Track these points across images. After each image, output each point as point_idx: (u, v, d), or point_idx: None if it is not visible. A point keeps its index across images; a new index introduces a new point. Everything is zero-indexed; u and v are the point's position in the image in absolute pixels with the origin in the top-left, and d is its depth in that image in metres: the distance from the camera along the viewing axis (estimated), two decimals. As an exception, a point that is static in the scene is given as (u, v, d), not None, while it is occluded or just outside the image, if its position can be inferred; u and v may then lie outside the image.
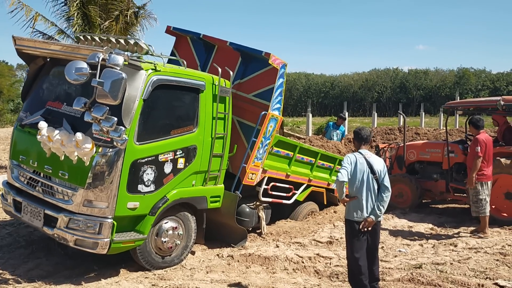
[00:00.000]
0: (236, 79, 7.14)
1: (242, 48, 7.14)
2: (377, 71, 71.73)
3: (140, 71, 5.27)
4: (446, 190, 9.13)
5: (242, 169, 6.78)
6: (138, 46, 5.40)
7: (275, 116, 6.88)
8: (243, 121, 7.04)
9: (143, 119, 5.29)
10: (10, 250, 6.29)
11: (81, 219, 5.15)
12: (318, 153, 8.46)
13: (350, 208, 4.77)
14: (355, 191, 4.74)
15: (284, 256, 6.16)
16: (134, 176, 5.27)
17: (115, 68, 4.73)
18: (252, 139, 6.77)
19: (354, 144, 5.18)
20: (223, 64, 6.81)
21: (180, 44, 8.18)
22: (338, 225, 7.95)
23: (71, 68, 4.72)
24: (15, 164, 5.96)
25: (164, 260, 5.84)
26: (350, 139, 12.85)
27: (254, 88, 7.09)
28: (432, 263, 6.08)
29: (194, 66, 7.59)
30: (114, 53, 4.84)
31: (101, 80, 4.66)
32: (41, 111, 5.70)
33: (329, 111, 57.62)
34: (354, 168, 4.72)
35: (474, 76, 66.07)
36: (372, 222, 4.68)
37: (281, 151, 7.56)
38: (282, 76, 6.85)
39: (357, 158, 4.76)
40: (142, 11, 13.53)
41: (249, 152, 6.77)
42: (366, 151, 4.90)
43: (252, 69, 7.18)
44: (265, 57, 6.74)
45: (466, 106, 9.92)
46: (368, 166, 4.73)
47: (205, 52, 7.78)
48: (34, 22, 12.12)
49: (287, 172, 7.76)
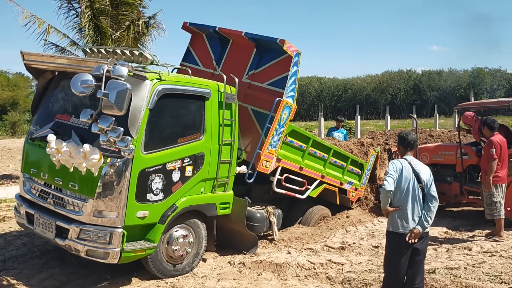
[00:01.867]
0: (251, 69, 7.39)
1: (256, 37, 7.28)
2: (390, 73, 71.33)
3: (145, 81, 5.31)
4: (460, 192, 8.99)
5: (257, 155, 6.84)
6: (143, 56, 5.47)
7: (289, 104, 6.99)
8: (257, 109, 7.18)
9: (149, 129, 5.33)
10: (24, 260, 6.37)
11: (91, 230, 5.19)
12: (331, 149, 8.48)
13: (394, 220, 4.49)
14: (399, 200, 4.45)
15: (295, 262, 6.12)
16: (142, 185, 5.30)
17: (120, 79, 4.78)
18: (267, 125, 6.87)
19: (399, 150, 4.84)
20: (237, 56, 7.27)
21: (195, 41, 8.41)
22: (351, 230, 7.89)
23: (76, 80, 4.80)
24: (27, 177, 6.04)
25: (176, 268, 5.85)
26: (363, 142, 12.77)
27: (268, 77, 7.28)
28: (446, 268, 6.00)
29: (209, 61, 7.95)
30: (118, 64, 4.90)
31: (106, 91, 4.72)
32: (50, 124, 5.78)
33: (342, 115, 57.45)
34: (399, 176, 4.43)
35: (489, 76, 65.31)
36: (418, 234, 4.42)
37: (294, 141, 7.61)
38: (296, 64, 6.99)
39: (403, 166, 4.48)
40: (153, 20, 13.71)
41: (263, 139, 6.86)
42: (412, 157, 4.61)
43: (267, 59, 7.37)
44: (280, 44, 6.89)
45: (478, 108, 9.79)
46: (414, 174, 4.45)
47: (220, 46, 7.99)
48: (47, 34, 12.32)
49: (300, 165, 7.77)
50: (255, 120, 7.15)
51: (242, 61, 7.61)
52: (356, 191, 9.44)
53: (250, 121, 7.12)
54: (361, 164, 9.57)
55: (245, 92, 7.34)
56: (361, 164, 9.58)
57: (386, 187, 4.34)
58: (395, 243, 4.52)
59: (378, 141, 16.06)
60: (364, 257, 6.56)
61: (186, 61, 8.34)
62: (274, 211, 7.40)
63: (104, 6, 12.45)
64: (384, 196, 4.45)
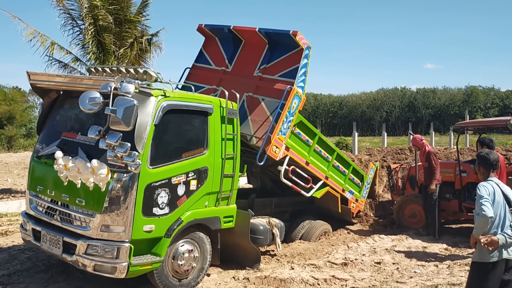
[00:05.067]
0: (262, 64, 7.81)
1: (270, 31, 7.73)
2: (385, 90, 72.02)
3: (151, 98, 5.42)
4: (459, 209, 9.07)
5: (267, 139, 7.04)
6: (148, 74, 5.57)
7: (299, 94, 7.33)
8: (269, 98, 7.49)
9: (155, 144, 5.42)
10: (30, 274, 6.37)
11: (99, 245, 5.22)
12: (335, 151, 8.71)
13: (484, 248, 3.98)
14: (490, 227, 4.01)
15: (299, 278, 6.14)
16: (148, 199, 5.36)
17: (127, 95, 4.89)
18: (278, 110, 7.14)
19: (480, 172, 4.30)
20: (249, 54, 7.86)
21: (208, 44, 8.75)
22: (352, 247, 7.93)
23: (85, 98, 4.90)
24: (33, 194, 6.08)
25: (181, 283, 5.87)
26: (361, 159, 12.88)
27: (279, 70, 7.67)
28: (448, 284, 6.03)
29: (221, 60, 8.37)
30: (125, 81, 5.02)
31: (114, 108, 4.82)
32: (57, 141, 5.86)
33: (337, 131, 57.66)
34: (493, 200, 4.00)
35: (483, 94, 66.01)
36: (495, 243, 3.95)
37: (302, 134, 7.89)
38: (306, 57, 7.39)
39: (494, 189, 4.05)
40: (155, 38, 13.90)
41: (274, 124, 7.10)
42: (497, 179, 4.18)
43: (278, 53, 7.79)
44: (292, 36, 7.29)
45: (476, 126, 9.94)
46: (505, 198, 4.06)
47: (233, 47, 8.35)
48: (51, 51, 12.46)
49: (306, 159, 8.00)
50: (266, 108, 7.43)
51: (254, 57, 8.01)
52: (357, 202, 9.54)
53: (261, 110, 7.43)
54: (361, 176, 9.70)
55: (256, 84, 7.75)
56: (361, 175, 9.71)
57: (487, 214, 3.85)
58: (484, 274, 4.03)
59: (376, 158, 16.19)
60: (367, 273, 6.59)
61: (199, 61, 8.68)
62: (277, 223, 7.45)
63: (107, 23, 12.61)
64: (483, 223, 3.94)
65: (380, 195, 11.34)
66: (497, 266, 3.99)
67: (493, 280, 3.99)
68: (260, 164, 7.06)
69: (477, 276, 4.07)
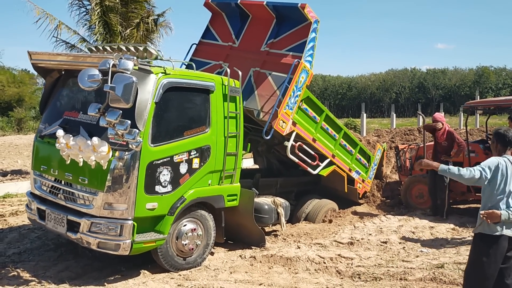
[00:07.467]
0: (270, 39, 7.72)
1: (278, 4, 7.60)
2: (394, 71, 71.27)
3: (151, 75, 5.36)
4: (467, 190, 8.98)
5: (274, 113, 6.96)
6: (148, 52, 5.51)
7: (307, 68, 7.24)
8: (276, 73, 7.39)
9: (156, 122, 5.38)
10: (40, 252, 6.45)
11: (102, 222, 5.24)
12: (342, 130, 8.61)
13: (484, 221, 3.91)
14: (494, 202, 3.93)
15: (305, 256, 6.13)
16: (151, 177, 5.35)
17: (126, 72, 4.84)
18: (285, 84, 7.04)
19: (496, 149, 4.17)
20: (256, 29, 7.79)
21: (215, 19, 8.62)
22: (359, 226, 7.89)
23: (84, 75, 4.86)
24: (37, 174, 6.10)
25: (187, 261, 5.88)
26: (369, 140, 12.78)
27: (287, 44, 7.56)
28: (454, 263, 5.98)
29: (228, 36, 8.26)
30: (123, 58, 4.96)
31: (112, 85, 4.78)
32: (59, 121, 5.85)
33: (346, 113, 57.36)
34: (494, 174, 3.91)
35: (494, 74, 65.10)
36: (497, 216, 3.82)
37: (309, 110, 7.79)
38: (314, 31, 7.29)
39: (506, 164, 3.95)
40: (162, 18, 13.78)
41: (281, 99, 7.02)
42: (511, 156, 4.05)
43: (286, 28, 7.69)
44: (300, 9, 7.18)
45: (486, 106, 9.77)
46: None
47: (240, 22, 8.24)
48: (58, 31, 12.43)
49: (313, 136, 7.91)
50: (273, 83, 7.34)
51: (261, 32, 7.90)
52: (363, 183, 9.45)
53: (268, 85, 7.34)
54: (368, 156, 9.60)
55: (263, 59, 7.65)
56: (368, 156, 9.61)
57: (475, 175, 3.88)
58: (484, 246, 3.94)
59: (384, 139, 16.09)
60: (373, 252, 6.56)
61: (206, 38, 8.57)
62: (282, 203, 7.40)
63: (113, 3, 12.50)
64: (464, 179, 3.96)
65: (387, 176, 11.25)
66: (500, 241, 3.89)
67: (498, 253, 3.90)
68: (267, 139, 6.98)
69: (480, 247, 3.99)
